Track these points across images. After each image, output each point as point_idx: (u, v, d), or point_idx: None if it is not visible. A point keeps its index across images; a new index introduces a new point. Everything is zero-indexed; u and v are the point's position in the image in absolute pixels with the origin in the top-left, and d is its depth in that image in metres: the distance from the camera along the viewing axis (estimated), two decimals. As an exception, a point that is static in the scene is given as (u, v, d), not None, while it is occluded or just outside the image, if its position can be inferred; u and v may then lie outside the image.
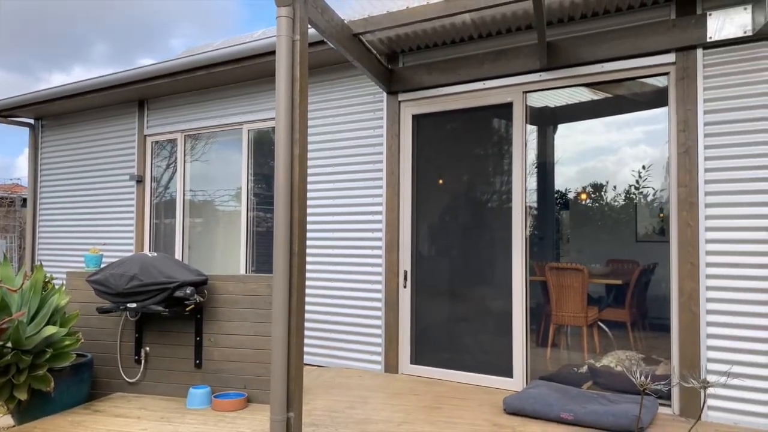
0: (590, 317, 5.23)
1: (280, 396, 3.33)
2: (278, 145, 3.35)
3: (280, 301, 3.33)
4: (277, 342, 3.33)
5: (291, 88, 3.39)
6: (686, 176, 4.01)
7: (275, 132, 3.36)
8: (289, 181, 3.35)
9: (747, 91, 3.86)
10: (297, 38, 3.40)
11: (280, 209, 3.33)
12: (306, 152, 3.45)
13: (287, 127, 3.35)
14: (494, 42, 4.84)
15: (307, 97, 3.47)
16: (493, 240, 4.95)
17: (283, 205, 3.32)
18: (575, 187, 7.25)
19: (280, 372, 3.33)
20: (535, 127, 5.30)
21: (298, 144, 3.37)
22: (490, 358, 4.84)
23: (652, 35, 4.12)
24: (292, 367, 3.38)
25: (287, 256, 3.34)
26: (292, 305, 3.37)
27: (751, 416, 3.76)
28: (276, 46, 3.39)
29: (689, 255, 3.98)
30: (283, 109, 3.35)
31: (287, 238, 3.33)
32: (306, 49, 3.48)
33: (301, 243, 3.41)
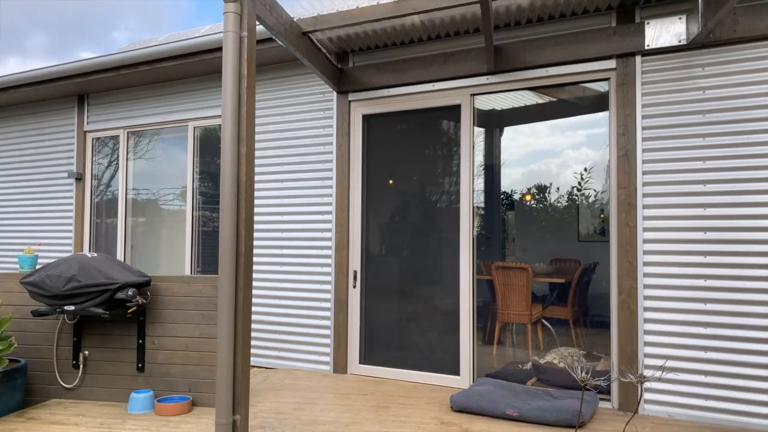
0: (534, 315, 5.37)
1: (226, 398, 3.27)
2: (224, 143, 3.29)
3: (226, 302, 3.27)
4: (222, 344, 3.27)
5: (238, 86, 3.34)
6: (625, 178, 4.16)
7: (221, 130, 3.30)
8: (235, 180, 3.29)
9: (681, 97, 4.04)
10: (245, 35, 3.35)
11: (226, 208, 3.27)
12: (253, 150, 3.41)
13: (234, 124, 3.29)
14: (443, 44, 4.90)
15: (254, 95, 3.42)
16: (441, 240, 5.00)
17: (229, 204, 3.27)
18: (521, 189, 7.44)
19: (226, 374, 3.27)
20: (482, 130, 5.39)
21: (245, 142, 3.32)
22: (438, 356, 4.89)
23: (594, 42, 4.26)
24: (238, 369, 3.32)
25: (233, 257, 3.28)
26: (238, 306, 3.32)
27: (684, 408, 3.94)
28: (223, 43, 3.33)
29: (628, 254, 4.13)
30: (229, 106, 3.29)
31: (233, 238, 3.28)
32: (254, 46, 3.43)
33: (248, 243, 3.35)
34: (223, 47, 3.32)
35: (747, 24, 3.81)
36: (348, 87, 5.19)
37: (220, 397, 3.26)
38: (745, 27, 3.81)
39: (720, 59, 3.95)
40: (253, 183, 3.42)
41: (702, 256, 3.95)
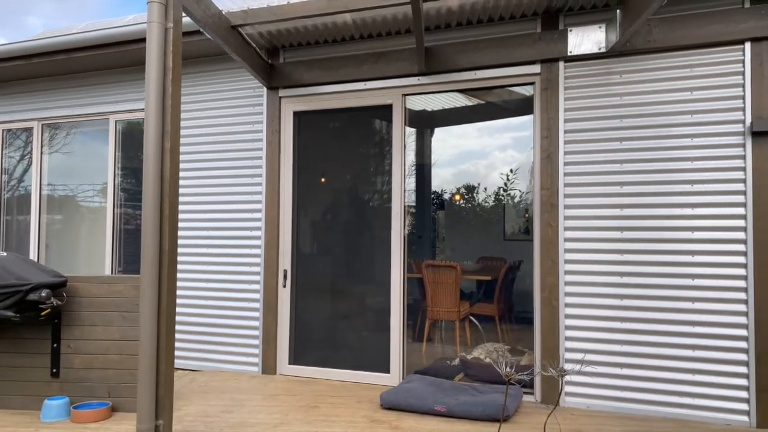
0: (462, 312, 5.49)
1: (148, 403, 3.15)
2: (148, 138, 3.17)
3: (149, 302, 3.16)
4: (145, 346, 3.15)
5: (163, 78, 3.23)
6: (548, 180, 4.32)
7: (145, 123, 3.18)
8: (159, 176, 3.18)
9: (601, 103, 4.23)
10: (170, 26, 3.24)
11: (149, 205, 3.15)
12: (178, 146, 3.30)
13: (158, 118, 3.18)
14: (375, 44, 4.91)
15: (180, 88, 3.31)
16: (373, 238, 5.02)
17: (152, 201, 3.15)
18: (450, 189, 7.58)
19: (148, 377, 3.16)
20: (414, 130, 5.45)
21: (169, 137, 3.21)
22: (369, 354, 4.90)
23: (521, 47, 4.39)
24: (161, 371, 3.21)
25: (156, 256, 3.17)
26: (161, 307, 3.21)
27: (602, 399, 4.13)
28: (147, 33, 3.21)
29: (550, 253, 4.29)
30: (153, 99, 3.17)
31: (156, 237, 3.16)
32: (180, 38, 3.32)
33: (172, 241, 3.25)
34: (147, 38, 3.21)
35: (661, 35, 4.03)
36: (279, 83, 5.11)
37: (142, 402, 3.15)
38: (658, 38, 4.04)
39: (636, 67, 4.16)
40: (178, 179, 3.31)
41: (619, 254, 4.16)
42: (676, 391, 3.97)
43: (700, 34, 3.94)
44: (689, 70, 4.03)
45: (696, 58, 4.02)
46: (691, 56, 4.03)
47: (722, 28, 3.89)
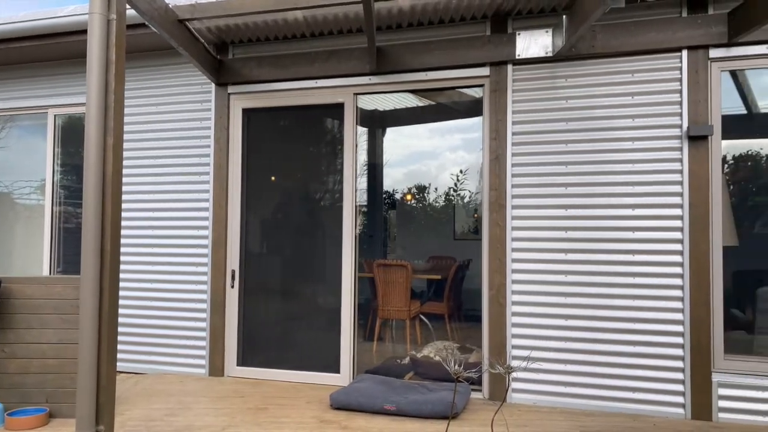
0: (413, 311, 5.52)
1: (88, 408, 3.04)
2: (89, 134, 3.06)
3: (89, 304, 3.04)
4: (85, 349, 3.04)
5: (105, 72, 3.12)
6: (497, 180, 4.40)
7: (86, 119, 3.06)
8: (100, 173, 3.07)
9: (547, 106, 4.34)
10: (113, 17, 3.14)
11: (90, 203, 3.04)
12: (121, 142, 3.19)
13: (99, 113, 3.07)
14: (327, 42, 4.89)
15: (123, 83, 3.21)
16: (324, 238, 4.99)
17: (93, 199, 3.04)
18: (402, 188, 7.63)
19: (89, 381, 3.04)
20: (365, 129, 5.45)
21: (112, 133, 3.11)
22: (319, 354, 4.87)
23: (470, 49, 4.45)
24: (102, 375, 3.10)
25: (97, 256, 3.06)
26: (103, 308, 3.10)
27: (547, 395, 4.24)
28: (88, 25, 3.09)
29: (498, 252, 4.37)
30: (95, 93, 3.06)
31: (98, 236, 3.05)
32: (123, 30, 3.21)
33: (115, 241, 3.14)
34: (89, 30, 3.09)
35: (603, 41, 4.17)
36: (228, 79, 5.02)
37: (82, 407, 3.03)
38: (601, 44, 4.17)
39: (581, 72, 4.29)
40: (121, 177, 3.21)
41: (564, 253, 4.27)
42: (618, 385, 4.10)
43: (640, 41, 4.09)
44: (630, 75, 4.18)
45: (637, 64, 4.17)
46: (633, 62, 4.17)
47: (661, 37, 4.05)
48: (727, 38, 3.93)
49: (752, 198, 4.13)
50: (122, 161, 3.24)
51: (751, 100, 4.24)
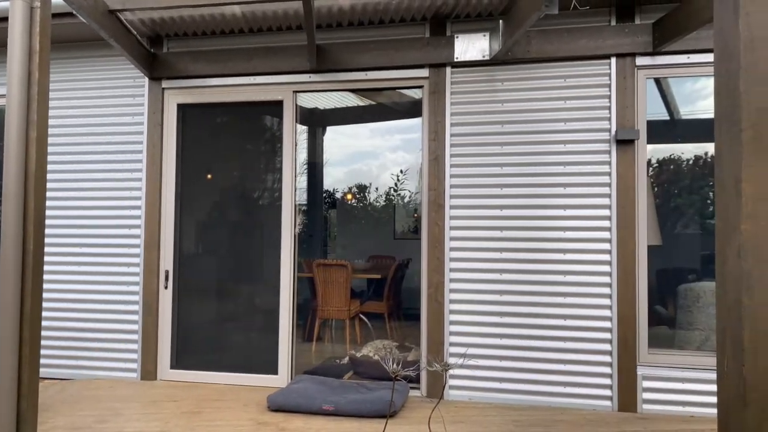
0: (353, 310, 5.53)
1: (8, 416, 2.88)
2: (9, 127, 2.89)
3: (10, 307, 2.88)
4: (4, 355, 2.87)
5: (28, 62, 2.96)
6: (436, 181, 4.45)
7: (6, 111, 2.90)
8: (22, 170, 2.91)
9: (484, 108, 4.43)
10: (37, 5, 2.98)
11: (11, 201, 2.88)
12: (46, 137, 3.04)
13: (21, 106, 2.91)
14: (266, 38, 4.81)
15: (48, 74, 3.05)
16: (263, 237, 4.91)
17: (14, 196, 2.88)
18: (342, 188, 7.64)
19: (9, 389, 2.88)
20: (305, 128, 5.41)
21: (35, 126, 2.95)
22: (257, 356, 4.80)
23: (410, 50, 4.49)
24: (24, 382, 2.95)
25: (19, 256, 2.90)
26: (24, 312, 2.94)
27: (482, 391, 4.32)
28: (9, 12, 2.93)
29: (437, 251, 4.43)
30: (16, 84, 2.90)
31: (19, 235, 2.90)
32: (48, 19, 3.06)
33: (38, 241, 2.99)
34: (10, 17, 2.93)
35: (538, 47, 4.29)
36: (162, 74, 4.86)
37: (1, 417, 2.86)
38: (536, 49, 4.29)
39: (517, 76, 4.40)
40: (46, 173, 3.05)
41: (499, 252, 4.37)
42: (550, 380, 4.24)
43: (572, 47, 4.24)
44: (563, 80, 4.32)
45: (569, 69, 4.31)
46: (565, 68, 4.32)
47: (591, 44, 4.21)
48: (652, 47, 4.12)
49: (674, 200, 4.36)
50: (47, 156, 3.08)
51: (673, 106, 4.48)
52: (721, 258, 2.20)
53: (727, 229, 2.16)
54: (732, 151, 2.13)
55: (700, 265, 4.66)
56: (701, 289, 4.33)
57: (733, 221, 2.12)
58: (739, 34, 2.06)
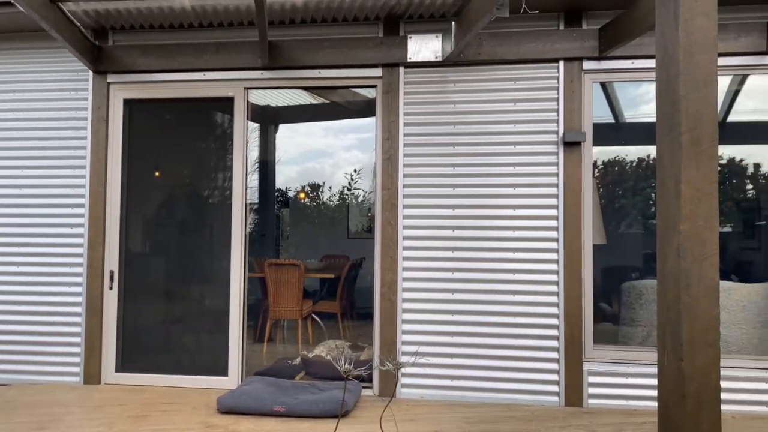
0: (305, 310, 5.49)
1: (-64, 427, 2.72)
2: (-61, 120, 2.74)
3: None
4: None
5: (-41, 52, 2.80)
6: (389, 180, 4.46)
7: (-65, 103, 2.74)
8: (-47, 165, 2.76)
9: (437, 109, 4.46)
10: (-31, -7, 2.83)
11: (-60, 198, 2.72)
12: (-20, 131, 2.89)
13: (-48, 98, 2.75)
14: (217, 34, 4.71)
15: (-18, 65, 2.90)
16: (213, 237, 4.83)
17: (-56, 193, 2.73)
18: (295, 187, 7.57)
19: (-63, 397, 2.73)
20: (257, 125, 5.34)
21: (-32, 120, 2.80)
22: (206, 358, 4.70)
23: (363, 49, 4.48)
24: (-46, 389, 2.79)
25: (-51, 256, 2.75)
26: (-45, 315, 2.79)
27: (434, 389, 4.36)
28: (-62, -2, 2.77)
29: (390, 250, 4.44)
30: (-54, 75, 2.74)
31: (-50, 234, 2.74)
32: (-18, 7, 2.91)
33: (-29, 239, 2.84)
34: (-62, 4, 2.77)
35: (489, 49, 4.36)
36: (107, 67, 4.70)
37: (-72, 426, 2.71)
38: (487, 51, 4.36)
39: (468, 77, 4.45)
40: (-21, 169, 2.90)
41: (450, 251, 4.42)
42: (501, 377, 4.31)
43: (522, 50, 4.32)
44: (513, 83, 4.40)
45: (519, 72, 4.39)
46: (515, 70, 4.40)
47: (540, 47, 4.30)
48: (599, 52, 4.24)
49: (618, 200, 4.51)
50: (-20, 152, 2.93)
51: (618, 110, 4.63)
52: (662, 257, 2.29)
53: (667, 228, 2.25)
54: (672, 153, 2.22)
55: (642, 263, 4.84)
56: (643, 287, 4.50)
57: (673, 221, 2.21)
58: (679, 41, 2.15)
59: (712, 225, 2.17)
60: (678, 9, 2.14)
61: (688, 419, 2.15)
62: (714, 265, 2.18)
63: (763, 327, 4.26)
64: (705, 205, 2.16)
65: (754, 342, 4.26)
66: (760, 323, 4.26)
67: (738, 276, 4.70)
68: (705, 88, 2.16)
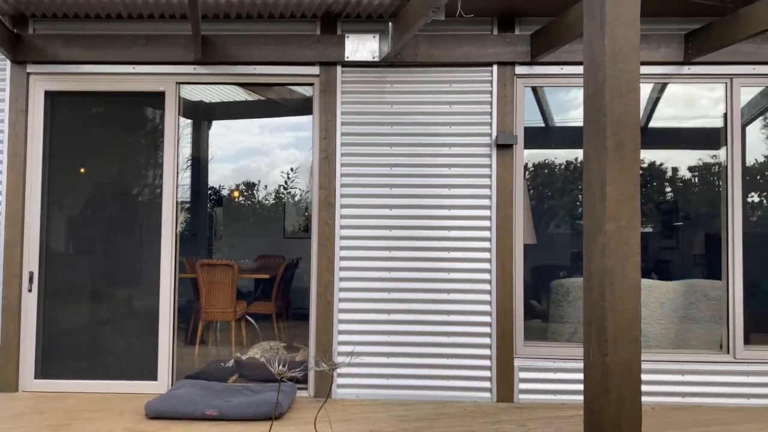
0: (239, 311, 5.39)
1: None
2: None
3: None
4: None
5: None
6: (326, 179, 4.44)
7: None
8: None
9: (374, 109, 4.48)
10: None
11: None
12: None
13: None
14: (148, 26, 4.53)
15: None
16: (142, 236, 4.67)
17: None
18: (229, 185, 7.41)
19: None
20: (190, 121, 5.19)
21: None
22: (134, 362, 4.53)
23: (301, 47, 4.44)
24: None
25: None
26: None
27: (371, 389, 4.38)
28: None
29: (327, 250, 4.42)
30: None
31: None
32: None
33: None
34: None
35: (425, 51, 4.41)
36: (27, 57, 4.44)
37: None
38: (424, 53, 4.41)
39: (405, 78, 4.49)
40: None
41: (388, 251, 4.44)
42: (436, 375, 4.37)
43: (457, 53, 4.40)
44: (449, 85, 4.47)
45: (455, 75, 4.47)
46: (451, 73, 4.47)
47: (474, 51, 4.39)
48: (530, 57, 4.37)
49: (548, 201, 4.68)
50: None
51: (548, 114, 4.80)
52: (588, 256, 2.39)
53: (593, 229, 2.35)
54: (598, 157, 2.31)
55: (570, 262, 5.03)
56: (571, 285, 4.68)
57: (599, 222, 2.30)
58: (605, 49, 2.25)
59: (635, 225, 2.27)
60: (604, 19, 2.24)
61: (611, 412, 2.25)
62: (636, 264, 2.28)
63: (680, 322, 4.53)
64: (628, 206, 2.26)
65: (672, 337, 4.51)
66: (678, 319, 4.52)
67: (657, 274, 4.98)
68: (629, 95, 2.27)
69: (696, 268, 5.39)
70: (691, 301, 4.52)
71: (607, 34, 2.24)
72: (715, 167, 4.94)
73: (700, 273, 5.03)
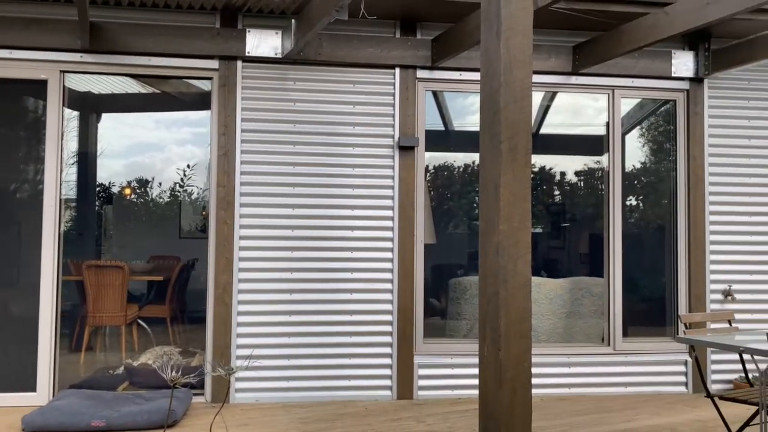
0: (130, 315, 5.12)
1: None
2: None
3: None
4: None
5: None
6: (225, 177, 4.31)
7: None
8: None
9: (277, 106, 4.41)
10: None
11: None
12: None
13: None
14: (27, 8, 4.17)
15: None
16: (20, 235, 4.34)
17: None
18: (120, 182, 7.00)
19: None
20: (77, 113, 4.85)
21: None
22: (10, 372, 4.18)
23: (198, 39, 4.27)
24: None
25: None
26: None
27: (271, 392, 4.31)
28: None
29: (225, 250, 4.29)
30: None
31: None
32: None
33: None
34: None
35: (329, 50, 4.39)
36: None
37: None
38: (327, 52, 4.40)
39: (309, 77, 4.46)
40: None
41: (290, 251, 4.39)
42: (338, 375, 4.38)
43: (361, 54, 4.43)
44: (353, 86, 4.49)
45: (358, 75, 4.50)
46: (355, 74, 4.50)
47: (377, 53, 4.44)
48: (431, 62, 4.49)
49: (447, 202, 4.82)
50: None
51: (448, 118, 4.95)
52: (483, 254, 2.48)
53: (488, 229, 2.45)
54: (493, 160, 2.41)
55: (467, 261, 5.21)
56: (468, 283, 4.85)
57: (493, 222, 2.40)
58: (500, 56, 2.35)
59: (526, 226, 2.39)
60: (500, 28, 2.34)
61: (504, 404, 2.35)
62: (527, 263, 2.40)
63: (567, 317, 4.83)
64: (519, 207, 2.38)
65: (559, 331, 4.81)
66: (565, 314, 4.82)
67: (546, 272, 5.28)
68: (522, 101, 2.38)
69: (582, 267, 5.76)
70: (577, 297, 4.84)
71: (502, 43, 2.34)
72: (598, 172, 5.31)
73: (585, 271, 5.38)
